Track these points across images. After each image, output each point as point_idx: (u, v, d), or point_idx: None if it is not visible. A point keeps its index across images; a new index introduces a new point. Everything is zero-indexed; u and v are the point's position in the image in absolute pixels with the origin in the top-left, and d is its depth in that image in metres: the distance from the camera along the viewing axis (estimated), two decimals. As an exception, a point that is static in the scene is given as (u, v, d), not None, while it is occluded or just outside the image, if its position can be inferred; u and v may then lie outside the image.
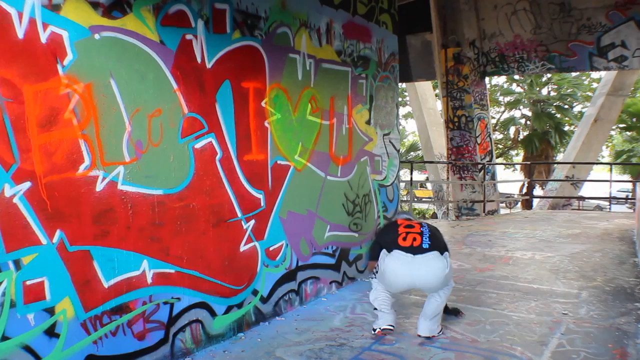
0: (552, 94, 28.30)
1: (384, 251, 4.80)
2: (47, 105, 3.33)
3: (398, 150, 8.02)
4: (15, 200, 3.19)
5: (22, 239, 3.23)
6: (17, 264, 3.22)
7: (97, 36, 3.64)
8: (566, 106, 27.93)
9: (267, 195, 5.29)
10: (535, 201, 21.84)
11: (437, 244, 4.72)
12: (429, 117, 21.65)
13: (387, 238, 4.85)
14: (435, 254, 4.64)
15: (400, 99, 8.54)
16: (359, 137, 6.86)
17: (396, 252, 4.66)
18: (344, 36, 6.44)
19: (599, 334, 4.87)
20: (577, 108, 29.22)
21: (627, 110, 24.30)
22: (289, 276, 5.66)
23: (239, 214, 4.94)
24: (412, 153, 32.67)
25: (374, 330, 4.88)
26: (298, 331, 5.02)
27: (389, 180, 7.74)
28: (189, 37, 4.36)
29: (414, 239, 4.67)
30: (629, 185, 26.08)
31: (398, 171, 8.10)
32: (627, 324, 5.12)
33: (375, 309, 4.92)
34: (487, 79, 17.66)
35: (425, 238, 4.71)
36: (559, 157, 27.55)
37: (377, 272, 4.85)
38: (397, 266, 4.63)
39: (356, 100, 6.75)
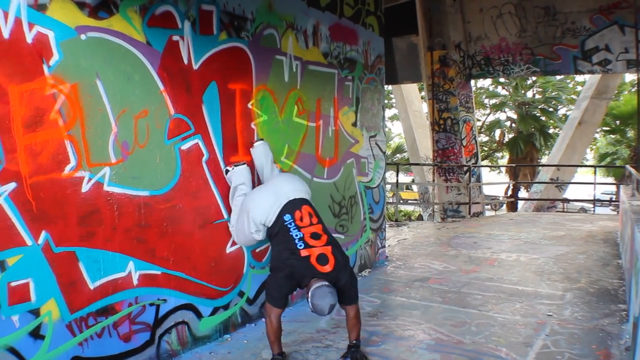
0: (537, 96, 28.42)
1: None
2: (33, 105, 3.31)
3: (384, 152, 8.05)
4: (0, 201, 3.17)
5: (7, 240, 3.21)
6: (2, 265, 3.19)
7: (83, 36, 3.62)
8: (551, 109, 28.07)
9: (254, 196, 5.27)
10: (520, 203, 22.00)
11: None
12: (415, 119, 21.70)
13: None
14: None
15: (386, 101, 8.56)
16: (345, 139, 6.87)
17: None
18: (330, 38, 6.46)
19: (583, 335, 4.91)
20: (561, 111, 29.42)
21: (610, 113, 24.45)
22: (276, 278, 5.64)
23: (226, 216, 4.93)
24: (398, 155, 32.82)
25: None
26: (284, 333, 4.99)
27: (375, 182, 7.76)
28: (175, 38, 4.34)
29: None
30: (613, 188, 26.30)
31: (384, 173, 8.13)
32: (610, 325, 5.17)
33: None
34: (472, 82, 17.76)
35: None
36: (544, 159, 27.69)
37: None
38: None
39: (342, 102, 6.77)
